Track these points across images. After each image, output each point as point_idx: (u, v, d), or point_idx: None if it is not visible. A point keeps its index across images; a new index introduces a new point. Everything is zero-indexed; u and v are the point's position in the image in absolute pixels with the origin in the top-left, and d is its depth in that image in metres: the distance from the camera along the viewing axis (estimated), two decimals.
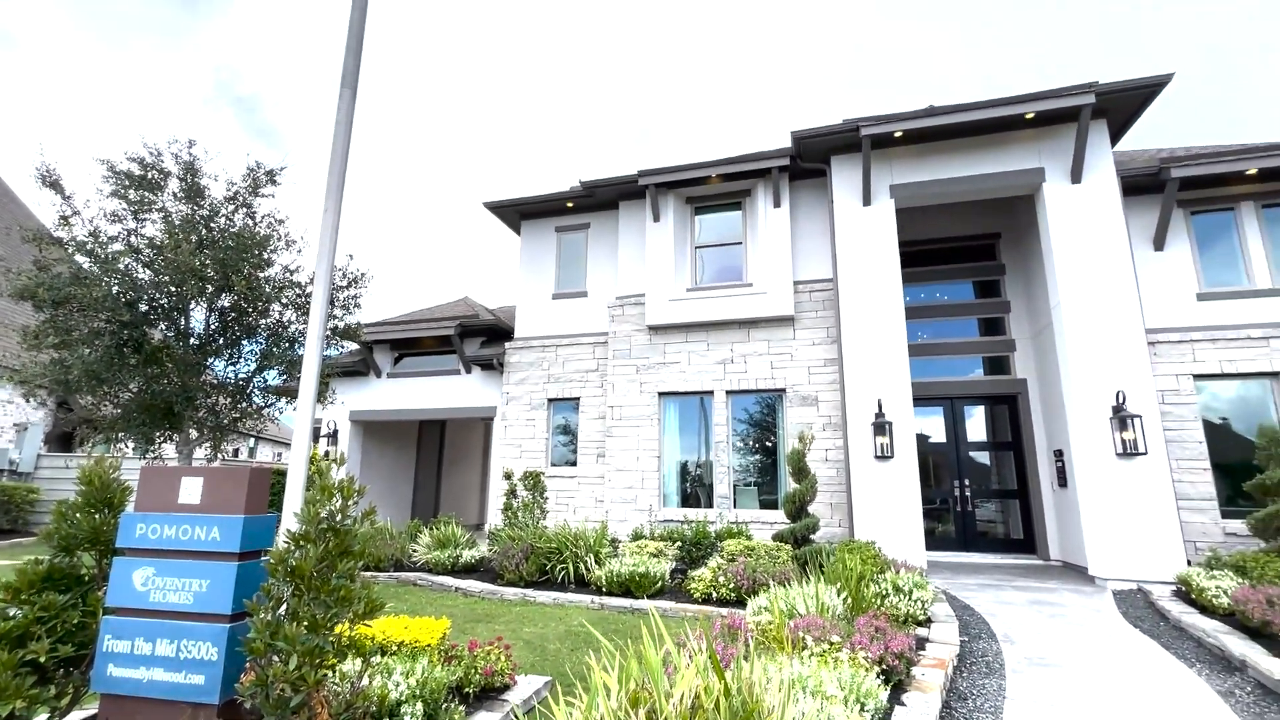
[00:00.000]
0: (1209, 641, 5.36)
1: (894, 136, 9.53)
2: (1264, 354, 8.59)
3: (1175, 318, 8.99)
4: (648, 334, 11.04)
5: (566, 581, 7.79)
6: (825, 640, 4.01)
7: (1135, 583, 7.58)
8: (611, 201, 11.91)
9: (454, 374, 13.13)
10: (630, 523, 10.22)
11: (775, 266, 10.41)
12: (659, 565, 7.35)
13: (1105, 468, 8.09)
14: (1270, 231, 9.07)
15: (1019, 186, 9.42)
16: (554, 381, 11.74)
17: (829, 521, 9.33)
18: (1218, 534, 8.24)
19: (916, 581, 5.95)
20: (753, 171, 10.69)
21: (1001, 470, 10.75)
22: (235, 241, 8.28)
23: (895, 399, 8.98)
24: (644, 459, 10.54)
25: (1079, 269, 8.70)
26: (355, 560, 3.19)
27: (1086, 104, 8.48)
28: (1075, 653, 5.29)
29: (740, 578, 6.64)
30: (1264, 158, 8.71)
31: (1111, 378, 8.26)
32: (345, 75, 4.90)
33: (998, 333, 10.80)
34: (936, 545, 10.24)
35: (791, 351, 10.25)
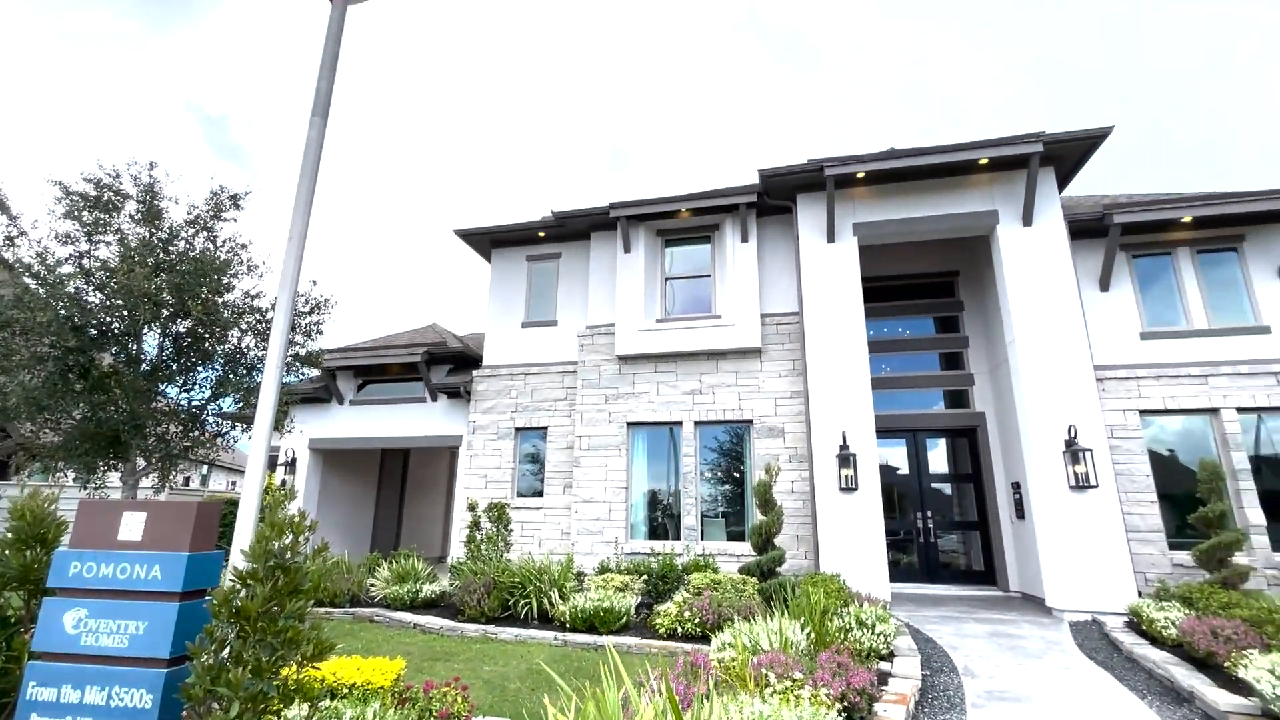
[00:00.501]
0: (1159, 673, 5.49)
1: (856, 177, 9.89)
2: (1203, 391, 9.03)
3: (1121, 355, 9.40)
4: (617, 364, 11.06)
5: (530, 617, 7.61)
6: (788, 677, 3.99)
7: (1090, 614, 7.75)
8: (583, 232, 12.03)
9: (419, 402, 12.91)
10: (597, 555, 10.08)
11: (743, 299, 10.60)
12: (624, 600, 7.24)
13: (1059, 500, 8.33)
14: (1205, 275, 9.61)
15: (975, 227, 9.82)
16: (522, 411, 11.63)
17: (795, 553, 9.35)
18: (1166, 565, 8.50)
19: (879, 615, 5.98)
20: (722, 207, 10.93)
21: (963, 502, 10.97)
22: (193, 266, 8.07)
23: (859, 431, 9.14)
24: (611, 490, 10.45)
25: (1031, 307, 9.07)
26: (305, 599, 3.08)
27: (1035, 152, 8.95)
28: (1033, 686, 5.36)
29: (706, 612, 6.58)
30: (1197, 207, 9.29)
31: (1063, 412, 8.56)
32: (317, 103, 4.90)
33: (957, 367, 11.12)
34: (900, 577, 10.32)
35: (758, 383, 10.37)
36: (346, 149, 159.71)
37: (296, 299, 9.11)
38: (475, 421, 11.82)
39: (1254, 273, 9.35)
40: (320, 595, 8.58)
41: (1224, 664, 5.13)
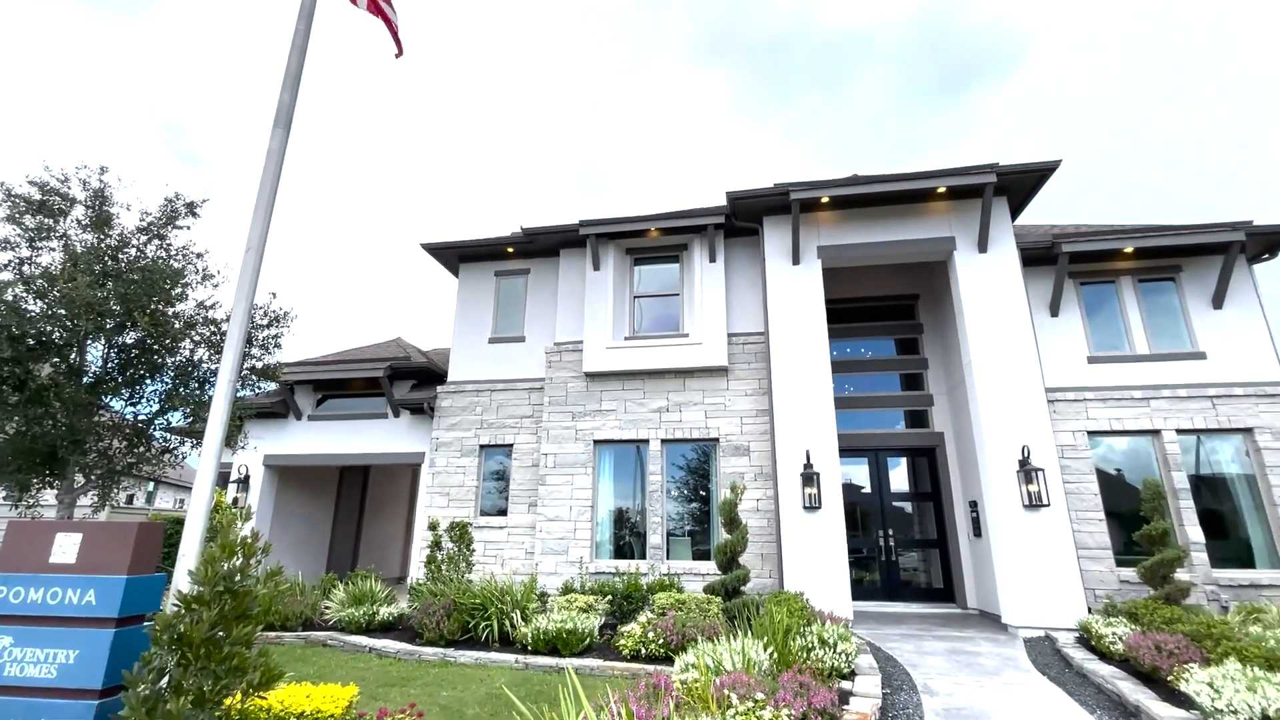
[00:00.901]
0: (1107, 688, 5.65)
1: (821, 201, 10.15)
2: (1145, 413, 9.45)
3: (1070, 378, 9.79)
4: (585, 381, 11.02)
5: (491, 640, 7.43)
6: (750, 698, 3.98)
7: (1044, 630, 7.94)
8: (553, 248, 12.02)
9: (381, 418, 12.62)
10: (561, 575, 9.94)
11: (710, 319, 10.71)
12: (588, 621, 7.14)
13: (1014, 519, 8.56)
14: (1146, 303, 10.12)
15: (933, 253, 10.16)
16: (487, 427, 11.47)
17: (759, 572, 9.38)
18: (1114, 581, 8.79)
19: (841, 634, 6.03)
20: (690, 227, 11.08)
21: (923, 520, 11.18)
22: (142, 275, 7.76)
23: (822, 450, 9.27)
24: (577, 508, 10.35)
25: (987, 331, 9.39)
26: (254, 625, 2.95)
27: (989, 182, 9.34)
28: (989, 702, 5.45)
29: (670, 633, 6.53)
30: (1138, 238, 9.79)
31: (1017, 433, 8.85)
32: (279, 114, 4.83)
33: (917, 388, 11.41)
34: (863, 595, 10.43)
35: (725, 402, 10.45)
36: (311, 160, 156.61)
37: (254, 311, 8.90)
38: (439, 438, 11.60)
39: (1190, 302, 9.88)
40: (271, 619, 8.24)
41: (1168, 678, 5.31)
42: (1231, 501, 9.21)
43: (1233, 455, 9.31)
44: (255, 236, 4.46)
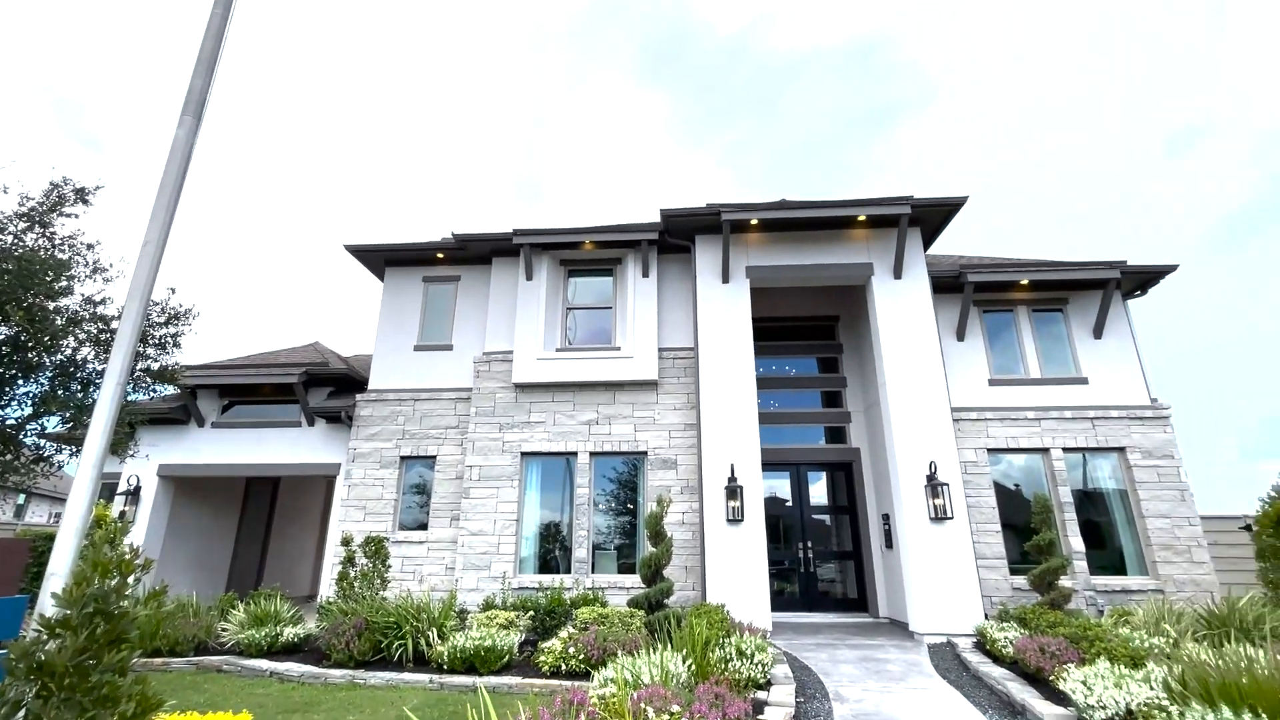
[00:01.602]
0: (998, 689, 6.05)
1: (750, 223, 10.51)
2: (1036, 433, 10.27)
3: (973, 399, 10.51)
4: (514, 392, 10.85)
5: (405, 660, 7.13)
6: (666, 711, 4.01)
7: (946, 636, 8.41)
8: (484, 256, 11.83)
9: (294, 426, 11.94)
10: (483, 591, 9.67)
11: (642, 333, 10.82)
12: (508, 638, 6.98)
13: (921, 531, 9.07)
14: (1039, 331, 11.03)
15: (853, 277, 10.70)
16: (409, 438, 11.06)
17: (683, 584, 9.47)
18: (1007, 589, 9.45)
19: (758, 644, 6.17)
20: (625, 241, 11.19)
21: (840, 533, 11.64)
22: (17, 265, 7.04)
23: (746, 464, 9.51)
24: (502, 522, 10.13)
25: (900, 353, 9.95)
26: (130, 650, 2.71)
27: (904, 213, 9.96)
28: (893, 707, 5.72)
29: (591, 648, 6.48)
30: (1033, 271, 10.70)
31: (926, 450, 9.40)
32: (189, 101, 4.55)
33: (836, 405, 11.92)
34: (783, 606, 10.72)
35: (654, 415, 10.56)
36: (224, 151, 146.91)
37: (150, 308, 8.25)
38: (356, 449, 11.09)
39: (1075, 331, 10.86)
40: (158, 644, 7.58)
41: (1050, 678, 5.75)
42: (1108, 514, 10.12)
43: (1109, 472, 10.24)
44: (155, 231, 4.15)
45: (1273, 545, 7.99)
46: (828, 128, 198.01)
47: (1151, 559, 9.58)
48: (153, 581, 10.33)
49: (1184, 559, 9.45)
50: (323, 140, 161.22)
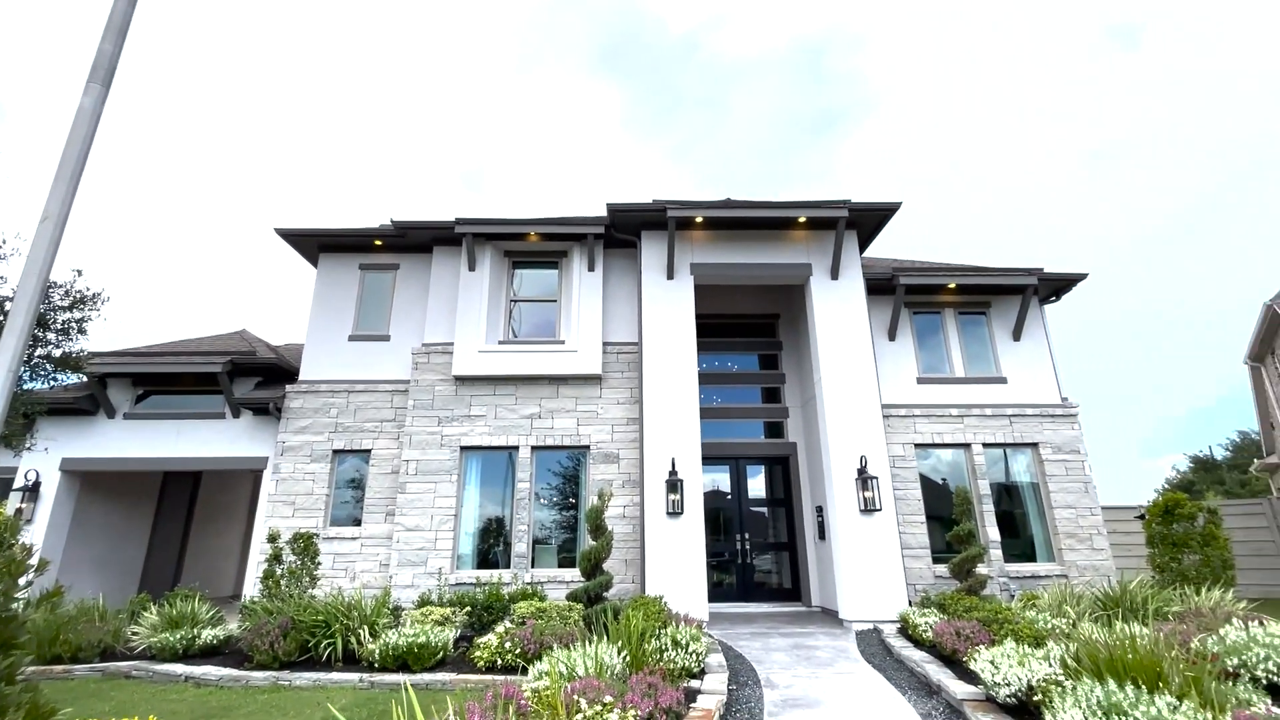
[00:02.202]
0: (918, 671, 6.38)
1: (695, 221, 10.64)
2: (960, 429, 10.86)
3: (902, 396, 11.01)
4: (454, 385, 10.63)
5: (334, 659, 6.91)
6: (599, 702, 4.05)
7: (872, 623, 8.81)
8: (425, 245, 11.52)
9: (217, 418, 11.31)
10: (418, 588, 9.46)
11: (587, 327, 10.80)
12: (443, 634, 6.87)
13: (852, 522, 9.44)
14: (963, 332, 11.65)
15: (793, 277, 11.00)
16: (342, 431, 10.68)
17: (623, 578, 9.54)
18: (930, 577, 9.97)
19: (693, 635, 6.29)
20: (570, 235, 11.12)
21: (776, 525, 11.99)
22: None
23: (687, 458, 9.65)
24: (439, 517, 9.92)
25: (835, 351, 10.31)
26: (20, 655, 2.54)
27: (841, 216, 10.30)
28: (821, 691, 5.95)
29: (528, 642, 6.45)
30: (959, 276, 11.28)
31: (857, 444, 9.78)
32: (97, 67, 4.25)
33: (775, 401, 12.25)
34: (721, 597, 10.96)
35: (597, 410, 10.56)
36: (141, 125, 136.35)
37: (51, 290, 7.64)
38: (285, 442, 10.62)
39: (996, 333, 11.53)
40: (58, 650, 7.06)
41: (964, 659, 6.11)
42: (1022, 506, 10.82)
43: (1024, 466, 10.95)
44: (56, 205, 3.86)
45: (1161, 533, 8.74)
46: (775, 130, 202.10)
47: (1058, 546, 10.30)
48: (52, 584, 9.60)
49: (1086, 546, 10.21)
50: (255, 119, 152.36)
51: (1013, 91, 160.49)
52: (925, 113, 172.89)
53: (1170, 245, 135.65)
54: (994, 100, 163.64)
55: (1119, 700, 3.62)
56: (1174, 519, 8.70)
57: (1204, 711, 3.52)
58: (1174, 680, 3.94)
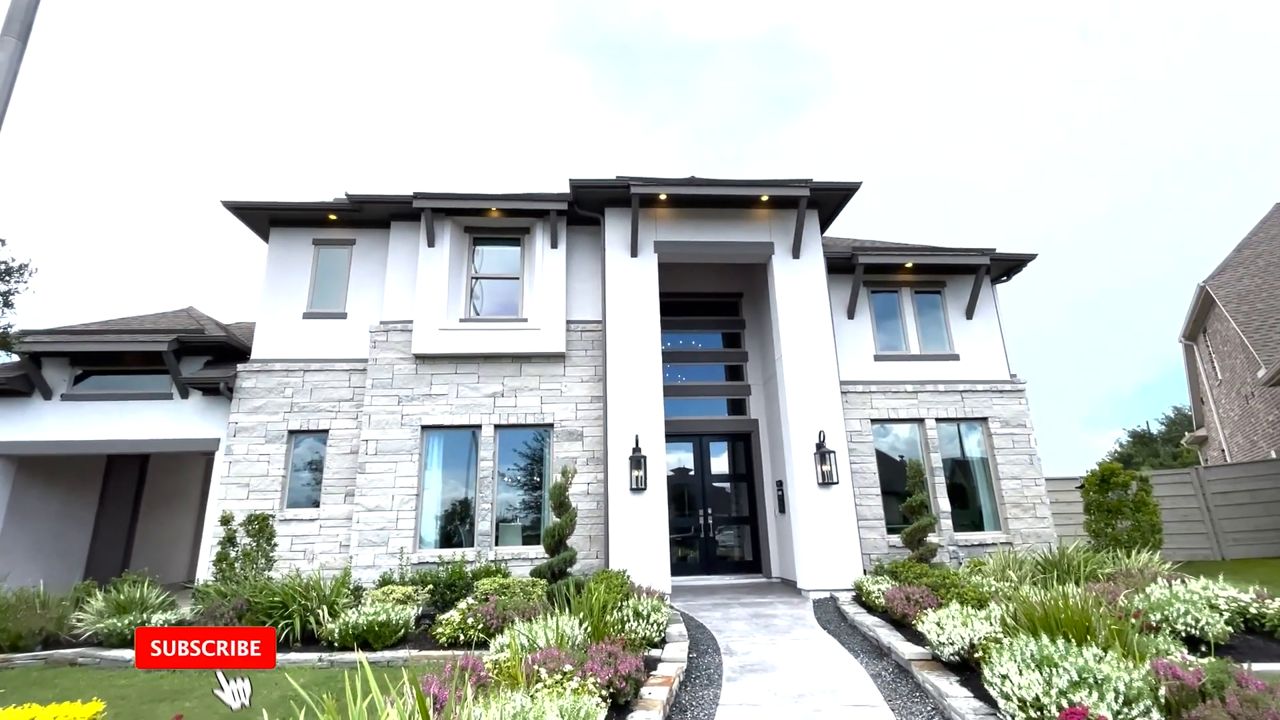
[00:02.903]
0: (870, 635, 6.65)
1: (659, 198, 10.59)
2: (914, 404, 11.20)
3: (860, 373, 11.28)
4: (414, 363, 10.45)
5: (292, 640, 6.81)
6: (559, 670, 4.10)
7: (829, 591, 9.11)
8: (382, 220, 11.20)
9: (164, 399, 10.88)
10: (380, 568, 9.37)
11: (550, 305, 10.70)
12: (404, 611, 6.84)
13: (811, 495, 9.69)
14: (919, 311, 11.96)
15: (756, 255, 11.08)
16: (298, 411, 10.41)
17: (587, 553, 9.63)
18: (884, 546, 10.33)
19: (654, 606, 6.41)
20: (532, 210, 10.96)
21: (739, 500, 12.23)
22: None
23: (651, 434, 9.73)
24: (400, 497, 9.81)
25: (796, 329, 10.48)
26: None
27: (803, 195, 10.40)
28: (778, 656, 6.15)
29: (491, 617, 6.48)
30: (916, 255, 11.54)
31: (816, 420, 10.01)
32: (11, 20, 3.98)
33: (738, 379, 12.41)
34: (684, 570, 11.17)
35: (561, 388, 10.54)
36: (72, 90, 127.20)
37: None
38: (238, 423, 10.30)
39: (950, 312, 11.87)
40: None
41: (913, 622, 6.37)
42: (971, 478, 11.27)
43: (974, 440, 11.37)
44: None
45: (1097, 501, 9.23)
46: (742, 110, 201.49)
47: (1004, 516, 10.78)
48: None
49: (1030, 515, 10.72)
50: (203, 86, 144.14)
51: (975, 80, 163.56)
52: (889, 96, 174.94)
53: (1115, 230, 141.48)
54: (956, 87, 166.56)
55: (1050, 653, 3.84)
56: (1109, 487, 9.19)
57: (1126, 660, 3.77)
58: (1101, 633, 4.20)
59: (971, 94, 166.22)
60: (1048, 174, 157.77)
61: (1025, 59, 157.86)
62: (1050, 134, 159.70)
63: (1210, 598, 5.62)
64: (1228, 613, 5.45)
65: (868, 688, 5.14)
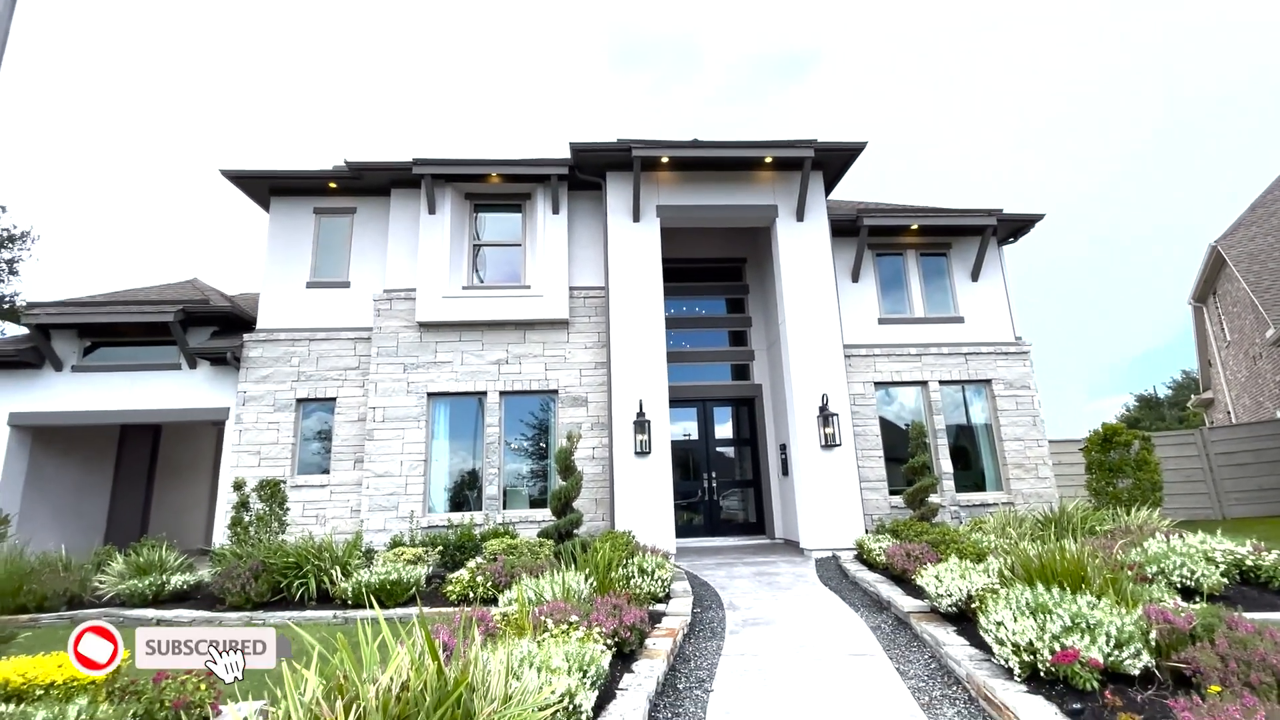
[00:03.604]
0: (870, 590, 6.78)
1: (661, 161, 10.45)
2: (918, 367, 11.19)
3: (864, 336, 11.26)
4: (418, 331, 10.49)
5: (307, 599, 7.02)
6: (565, 621, 4.23)
7: (831, 550, 9.26)
8: (382, 187, 11.11)
9: (173, 369, 11.00)
10: (390, 531, 9.57)
11: (552, 271, 10.68)
12: (415, 571, 7.02)
13: (813, 458, 9.78)
14: (924, 273, 11.86)
15: (759, 219, 10.97)
16: (305, 380, 10.51)
17: (593, 516, 9.79)
18: (886, 507, 10.46)
19: (659, 563, 6.55)
20: (533, 176, 10.84)
21: (742, 463, 12.36)
22: None
23: (654, 400, 9.80)
24: (409, 463, 9.96)
25: (800, 293, 10.43)
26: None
27: (808, 156, 10.23)
28: (779, 611, 6.30)
29: (499, 575, 6.64)
30: (922, 217, 11.39)
31: (819, 383, 10.04)
32: None
33: (742, 344, 12.42)
34: (689, 533, 11.36)
35: (565, 354, 10.58)
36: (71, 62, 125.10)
37: None
38: (246, 392, 10.42)
39: (956, 275, 11.77)
40: (22, 600, 7.02)
41: (913, 577, 6.50)
42: (974, 440, 11.32)
43: (977, 402, 11.40)
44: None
45: (1099, 460, 9.29)
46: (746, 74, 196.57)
47: (1006, 476, 10.87)
48: (10, 540, 9.42)
49: (1032, 475, 10.80)
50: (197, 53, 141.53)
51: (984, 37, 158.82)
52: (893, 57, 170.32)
53: (1123, 191, 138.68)
54: (965, 45, 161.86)
55: (1045, 601, 3.92)
56: (1111, 446, 9.24)
57: (1119, 607, 3.85)
58: (1095, 583, 4.27)
59: (984, 54, 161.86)
60: (1057, 134, 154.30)
61: (1038, 16, 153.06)
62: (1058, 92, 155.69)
63: (1207, 551, 5.68)
64: (1224, 565, 5.52)
65: (867, 638, 5.27)
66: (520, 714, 2.38)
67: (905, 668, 4.56)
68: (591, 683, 3.38)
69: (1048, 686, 3.52)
